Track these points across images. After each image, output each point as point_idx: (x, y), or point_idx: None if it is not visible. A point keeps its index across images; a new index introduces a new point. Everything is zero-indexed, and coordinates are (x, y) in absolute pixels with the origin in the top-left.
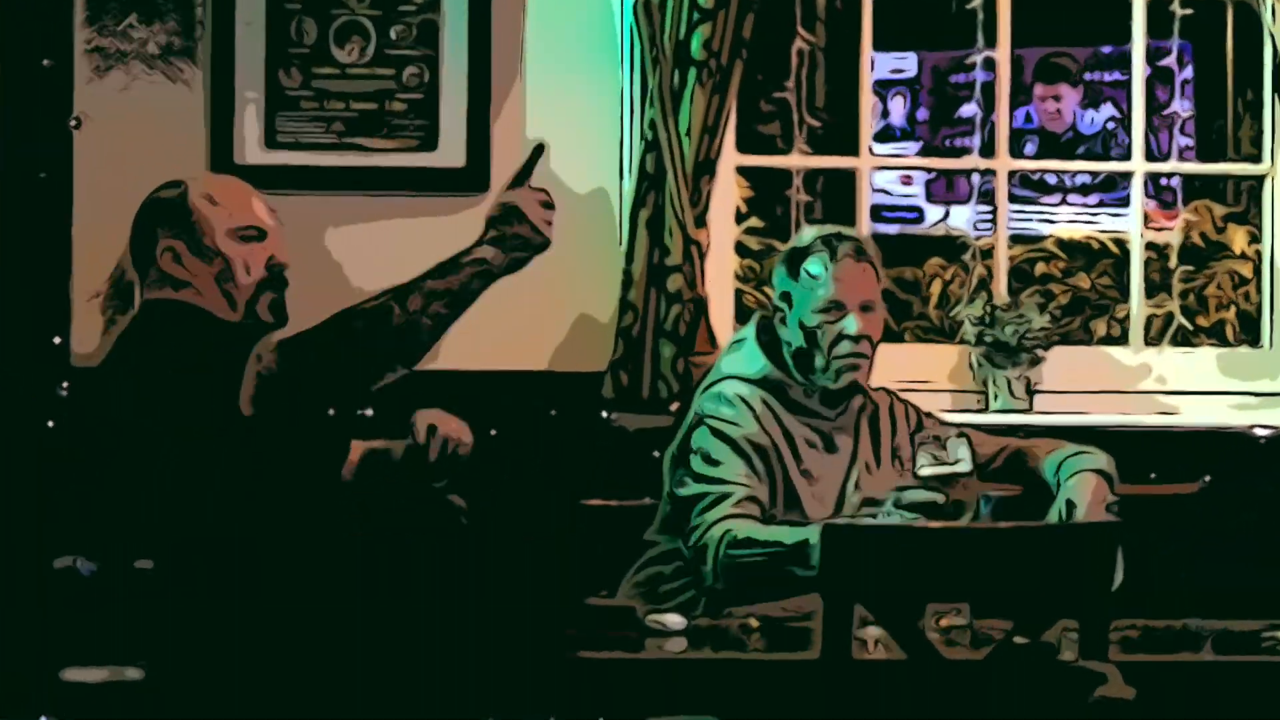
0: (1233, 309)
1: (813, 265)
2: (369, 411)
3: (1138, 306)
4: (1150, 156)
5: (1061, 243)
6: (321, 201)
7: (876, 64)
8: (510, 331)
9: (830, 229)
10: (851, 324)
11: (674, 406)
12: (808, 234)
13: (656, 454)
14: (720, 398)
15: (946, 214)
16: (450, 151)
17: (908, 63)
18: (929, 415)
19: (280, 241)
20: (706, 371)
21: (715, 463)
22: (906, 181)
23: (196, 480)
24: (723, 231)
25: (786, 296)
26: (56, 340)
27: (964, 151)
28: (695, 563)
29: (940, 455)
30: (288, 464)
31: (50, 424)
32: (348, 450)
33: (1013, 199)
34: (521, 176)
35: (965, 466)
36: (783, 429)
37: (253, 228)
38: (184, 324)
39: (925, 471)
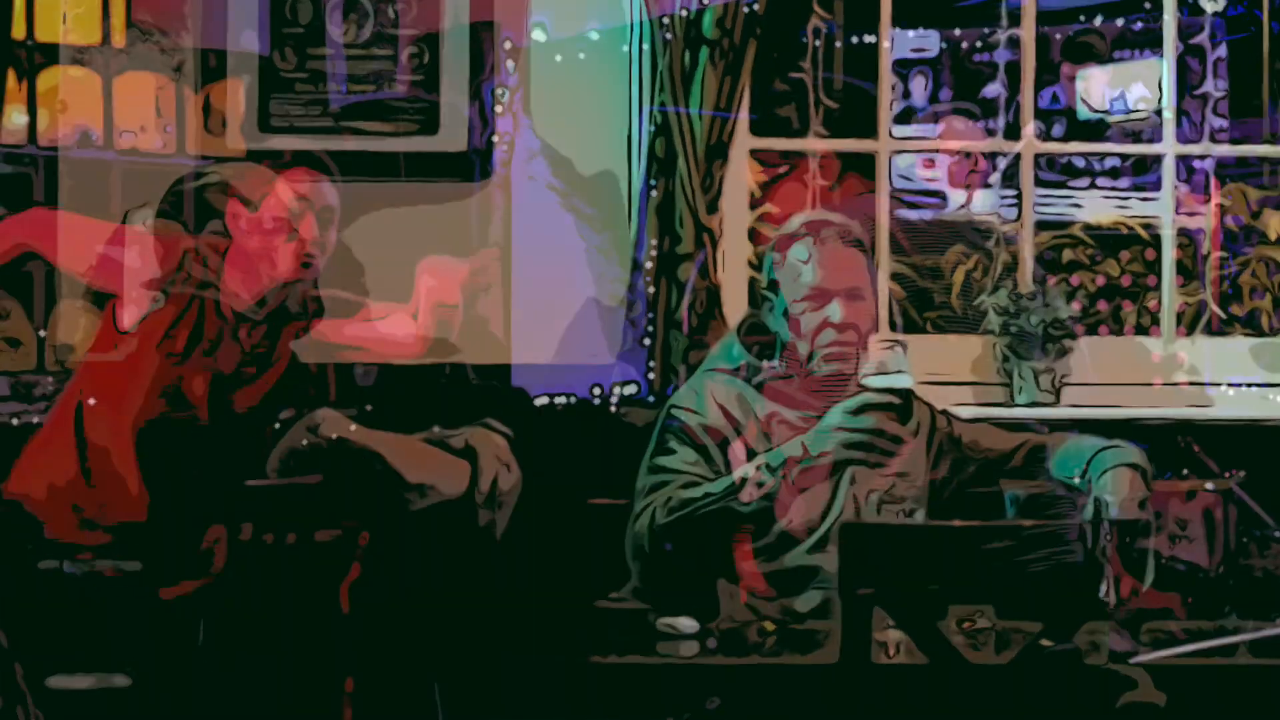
0: (1267, 296)
1: (798, 250)
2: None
3: (1169, 294)
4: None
5: (1090, 228)
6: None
7: (896, 42)
8: (517, 324)
9: (818, 214)
10: (836, 311)
11: None
12: (796, 219)
13: None
14: (688, 388)
15: (969, 199)
16: (451, 136)
17: (929, 41)
18: (944, 413)
19: (310, 226)
20: None
21: (669, 451)
22: (928, 165)
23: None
24: (736, 217)
25: (774, 285)
26: (42, 333)
27: (988, 134)
28: (634, 542)
29: (882, 365)
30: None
31: (36, 420)
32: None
33: (1039, 183)
34: None
35: (906, 380)
36: (758, 418)
37: (276, 218)
38: (203, 317)
39: (869, 381)
